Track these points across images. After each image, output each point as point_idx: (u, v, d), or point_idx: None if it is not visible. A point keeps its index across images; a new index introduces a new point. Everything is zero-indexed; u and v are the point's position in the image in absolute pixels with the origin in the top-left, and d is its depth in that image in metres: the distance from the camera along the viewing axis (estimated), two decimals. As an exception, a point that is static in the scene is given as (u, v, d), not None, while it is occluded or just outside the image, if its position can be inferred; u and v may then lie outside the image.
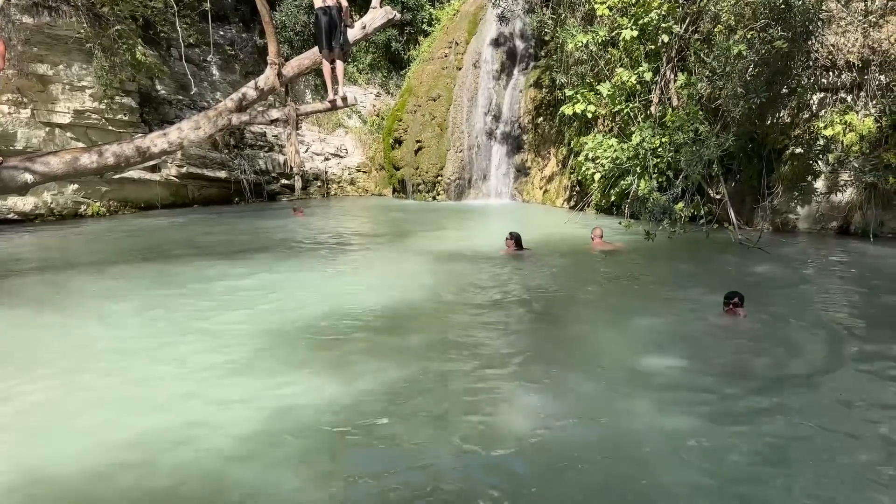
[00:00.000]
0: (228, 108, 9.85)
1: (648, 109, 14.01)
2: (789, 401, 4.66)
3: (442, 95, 19.95)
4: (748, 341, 6.06)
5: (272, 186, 20.21)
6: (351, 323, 6.60)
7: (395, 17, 10.60)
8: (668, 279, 9.08)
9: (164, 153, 9.78)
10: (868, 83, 11.37)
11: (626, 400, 4.70)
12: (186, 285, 8.25)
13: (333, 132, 22.24)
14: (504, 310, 7.29)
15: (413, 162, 19.85)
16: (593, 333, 6.45)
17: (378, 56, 22.77)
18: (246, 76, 20.23)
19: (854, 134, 10.93)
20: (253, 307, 7.25)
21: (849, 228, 11.65)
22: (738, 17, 11.62)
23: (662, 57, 13.78)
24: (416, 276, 8.88)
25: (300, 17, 20.87)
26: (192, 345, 5.95)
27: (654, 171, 12.88)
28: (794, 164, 12.18)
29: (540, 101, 18.50)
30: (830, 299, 7.54)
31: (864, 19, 11.37)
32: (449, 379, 5.14)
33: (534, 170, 18.83)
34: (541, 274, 9.09)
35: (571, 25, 14.87)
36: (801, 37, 11.05)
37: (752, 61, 11.10)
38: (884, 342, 5.83)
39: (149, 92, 17.11)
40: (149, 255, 10.48)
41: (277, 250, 10.86)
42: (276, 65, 9.83)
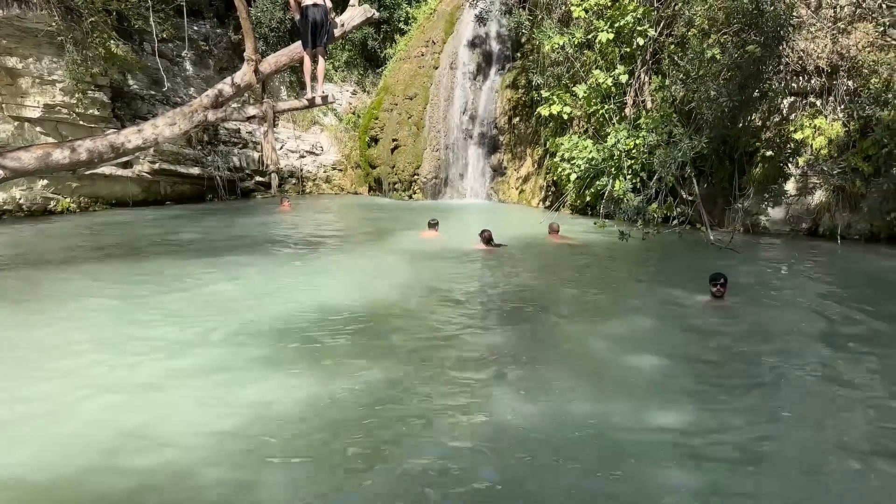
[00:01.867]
0: (204, 105, 9.75)
1: (623, 111, 14.18)
2: (767, 398, 4.78)
3: (419, 94, 19.95)
4: (725, 339, 6.18)
5: (246, 183, 20.03)
6: (329, 322, 6.59)
7: (373, 15, 10.58)
8: (643, 278, 9.22)
9: (138, 149, 9.65)
10: (836, 88, 11.64)
11: (605, 398, 4.77)
12: (160, 283, 8.15)
13: (309, 130, 22.10)
14: (483, 308, 7.35)
15: (389, 160, 19.83)
16: (572, 332, 6.53)
17: (354, 54, 22.69)
18: (220, 72, 20.02)
19: (823, 137, 11.20)
20: (228, 306, 7.19)
21: (818, 230, 11.91)
22: (712, 22, 11.81)
23: (637, 60, 13.96)
24: (394, 274, 8.89)
25: (276, 13, 20.71)
26: (167, 344, 5.88)
27: (628, 173, 13.04)
28: (764, 166, 12.42)
29: (516, 102, 18.59)
30: (802, 299, 7.71)
31: (832, 26, 11.64)
32: (428, 378, 5.16)
33: (510, 170, 18.92)
34: (518, 273, 9.15)
35: (548, 27, 14.99)
36: (773, 42, 11.27)
37: (724, 65, 11.30)
38: (856, 340, 6.00)
39: (121, 87, 16.85)
40: (122, 253, 10.34)
41: (253, 249, 10.78)
42: (254, 61, 9.75)
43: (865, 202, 11.27)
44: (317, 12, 9.25)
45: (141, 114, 16.97)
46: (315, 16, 9.25)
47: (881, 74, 10.96)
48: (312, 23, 9.27)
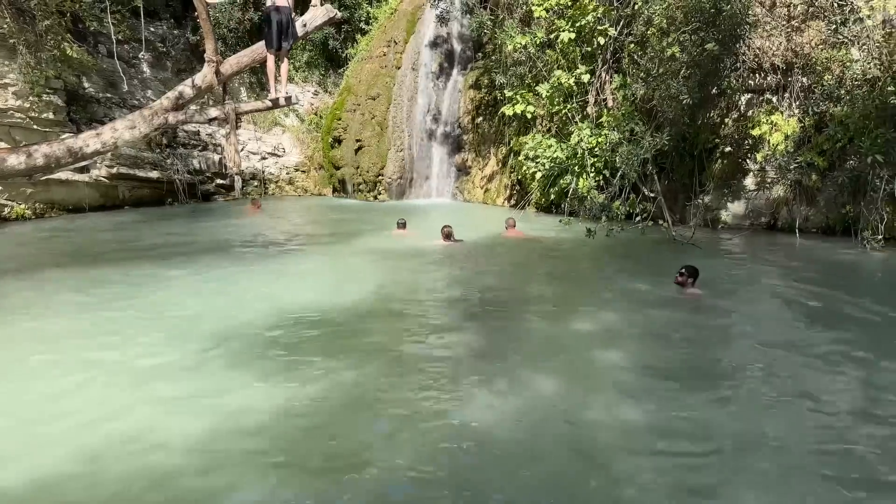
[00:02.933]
0: (164, 107, 9.58)
1: (585, 110, 14.33)
2: (736, 390, 4.88)
3: (381, 94, 19.87)
4: (691, 332, 6.29)
5: (207, 186, 19.67)
6: (299, 324, 6.52)
7: (335, 15, 10.53)
8: (609, 275, 9.32)
9: (97, 153, 9.41)
10: (792, 85, 11.94)
11: (576, 394, 4.82)
12: (123, 290, 7.96)
13: (270, 131, 21.84)
14: (451, 307, 7.35)
15: (353, 161, 19.70)
16: (541, 329, 6.57)
17: (315, 54, 22.51)
18: (178, 74, 19.67)
19: (780, 133, 11.48)
20: (196, 311, 7.07)
21: (777, 224, 12.22)
22: (671, 21, 11.99)
23: (598, 59, 14.12)
24: (363, 275, 8.85)
25: (234, 13, 20.45)
26: (134, 351, 5.75)
27: (591, 170, 13.19)
28: (724, 162, 12.69)
29: (479, 102, 18.64)
30: (764, 292, 7.89)
31: (787, 24, 11.93)
32: (399, 379, 5.14)
33: (474, 169, 18.97)
34: (486, 271, 9.19)
35: (510, 27, 15.08)
36: (730, 40, 11.51)
37: (684, 63, 11.49)
38: (818, 328, 6.17)
39: (76, 90, 16.41)
40: (81, 260, 10.06)
41: (218, 252, 10.61)
42: (214, 62, 9.61)
43: (821, 196, 11.60)
44: (283, 14, 9.22)
45: (97, 117, 16.55)
46: (281, 17, 9.21)
47: (833, 71, 11.28)
48: (278, 24, 9.22)
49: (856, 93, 10.77)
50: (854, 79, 10.98)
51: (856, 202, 11.03)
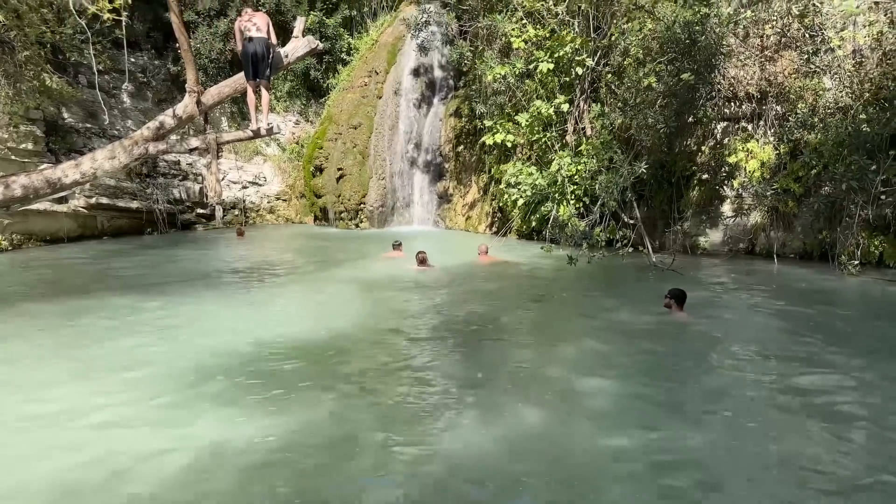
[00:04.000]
0: (145, 137, 9.52)
1: (565, 138, 14.48)
2: (720, 415, 4.86)
3: (363, 123, 19.97)
4: (673, 358, 6.28)
5: (186, 216, 19.58)
6: (279, 355, 6.44)
7: (317, 46, 10.56)
8: (591, 302, 9.33)
9: (76, 184, 9.32)
10: (766, 113, 12.17)
11: (560, 421, 4.79)
12: (101, 321, 7.84)
13: (251, 160, 21.83)
14: (435, 336, 7.30)
15: (335, 190, 19.72)
16: (526, 357, 6.54)
17: (297, 84, 22.63)
18: (158, 104, 19.68)
19: (755, 160, 11.66)
20: (174, 342, 6.96)
21: (755, 249, 12.36)
22: (647, 52, 12.23)
23: (576, 88, 14.32)
24: (345, 305, 8.79)
25: (216, 44, 20.54)
26: (111, 383, 5.64)
27: (571, 198, 13.29)
28: (701, 189, 12.85)
29: (460, 130, 18.80)
30: (744, 317, 7.94)
31: (760, 54, 12.18)
32: (380, 409, 5.08)
33: (456, 197, 19.06)
34: (467, 298, 9.17)
35: (489, 58, 15.27)
36: (705, 70, 11.74)
37: (660, 93, 11.69)
38: (802, 357, 6.19)
39: (55, 120, 16.33)
40: (59, 291, 9.91)
41: (197, 282, 10.50)
42: (196, 93, 9.60)
43: (798, 221, 11.76)
44: (256, 45, 9.28)
45: (76, 147, 16.47)
46: (255, 48, 9.27)
47: (807, 100, 11.51)
48: (252, 55, 9.29)
49: (829, 120, 10.99)
50: (827, 107, 11.22)
51: (832, 228, 11.18)
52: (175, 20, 9.39)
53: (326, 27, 21.68)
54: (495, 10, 15.77)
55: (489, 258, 12.24)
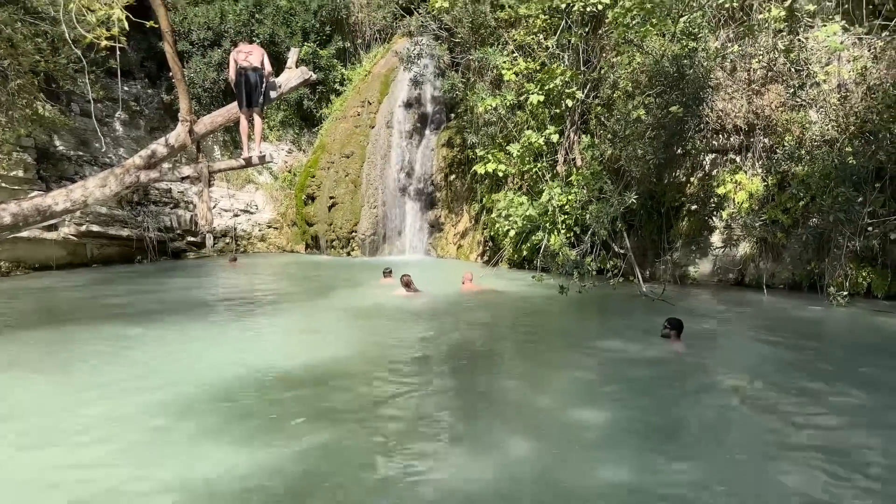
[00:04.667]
0: (137, 165, 9.53)
1: (555, 169, 14.60)
2: (712, 451, 4.84)
3: (355, 153, 20.09)
4: (667, 391, 6.26)
5: (177, 244, 19.53)
6: (267, 385, 6.39)
7: (310, 77, 10.67)
8: (582, 332, 9.33)
9: (66, 212, 9.30)
10: (754, 145, 12.32)
11: (552, 453, 4.75)
12: (90, 351, 7.76)
13: (243, 188, 21.88)
14: (425, 366, 7.27)
15: (327, 218, 19.76)
16: (517, 387, 6.51)
17: (290, 113, 22.78)
18: (151, 132, 19.76)
19: (744, 192, 11.77)
20: (163, 371, 6.90)
21: (744, 280, 12.41)
22: (636, 84, 12.40)
23: (567, 120, 14.49)
24: (334, 333, 8.76)
25: (209, 73, 20.70)
26: (97, 413, 5.57)
27: (562, 227, 13.37)
28: (690, 220, 12.95)
29: (452, 160, 18.93)
30: (735, 349, 7.96)
31: (747, 87, 12.38)
32: (370, 441, 5.04)
33: (447, 225, 19.11)
34: (458, 328, 9.14)
35: (481, 89, 15.45)
36: (694, 103, 11.90)
37: (649, 125, 11.83)
38: (792, 389, 6.18)
39: (46, 147, 16.35)
40: (48, 319, 9.85)
41: (188, 311, 10.44)
42: (188, 122, 9.65)
43: (787, 252, 11.84)
44: (252, 75, 9.36)
45: (67, 175, 16.47)
46: (250, 78, 9.35)
47: (794, 132, 11.67)
48: (247, 85, 9.36)
49: (815, 153, 11.13)
50: (813, 140, 11.38)
51: (820, 259, 11.27)
52: (169, 50, 9.48)
53: (320, 58, 21.91)
54: (487, 44, 15.99)
55: (473, 286, 12.36)
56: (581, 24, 14.19)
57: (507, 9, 15.02)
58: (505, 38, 15.48)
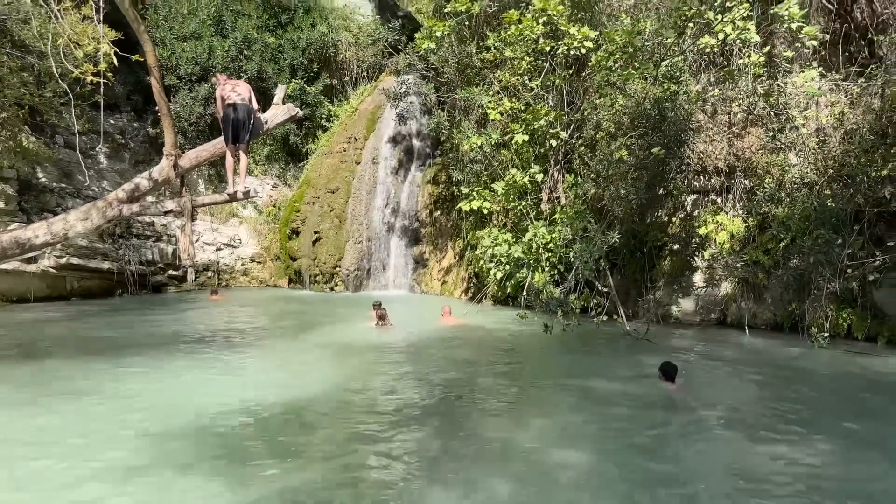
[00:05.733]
0: (119, 199, 9.47)
1: (540, 207, 14.70)
2: (695, 496, 4.80)
3: (341, 188, 20.15)
4: (651, 433, 6.22)
5: (158, 277, 19.34)
6: (248, 421, 6.30)
7: (297, 113, 10.72)
8: (566, 372, 9.29)
9: (46, 244, 9.21)
10: (735, 187, 12.50)
11: (536, 496, 4.69)
12: (67, 385, 7.66)
13: (227, 222, 21.80)
14: (405, 406, 7.19)
15: (311, 252, 19.70)
16: (499, 427, 6.44)
17: (276, 148, 22.85)
18: (136, 165, 19.72)
19: (725, 233, 11.92)
20: (142, 407, 6.78)
21: (726, 320, 12.47)
22: (618, 126, 12.60)
23: (551, 159, 14.65)
24: (317, 369, 8.69)
25: (195, 108, 20.77)
26: (75, 450, 5.46)
27: (546, 265, 13.40)
28: (673, 259, 13.04)
29: (437, 196, 19.02)
30: (719, 390, 7.95)
31: (728, 130, 12.61)
32: (354, 480, 4.96)
33: (432, 261, 19.11)
34: (440, 366, 9.08)
35: (466, 128, 15.60)
36: (675, 144, 12.09)
37: (631, 165, 11.98)
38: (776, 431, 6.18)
39: (29, 179, 16.23)
40: (25, 354, 9.67)
41: (168, 346, 10.30)
42: (173, 156, 9.63)
43: (768, 293, 11.93)
44: (239, 111, 9.39)
45: (49, 207, 16.34)
46: (237, 114, 9.38)
47: (773, 174, 11.87)
48: (234, 120, 9.38)
49: (795, 195, 11.31)
50: (793, 182, 11.57)
51: (801, 300, 11.35)
52: (155, 85, 9.51)
53: (307, 94, 22.08)
54: (473, 83, 16.22)
55: (452, 320, 12.56)
56: (565, 67, 14.44)
57: (493, 50, 15.25)
58: (490, 78, 15.71)
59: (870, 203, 10.46)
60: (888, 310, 10.59)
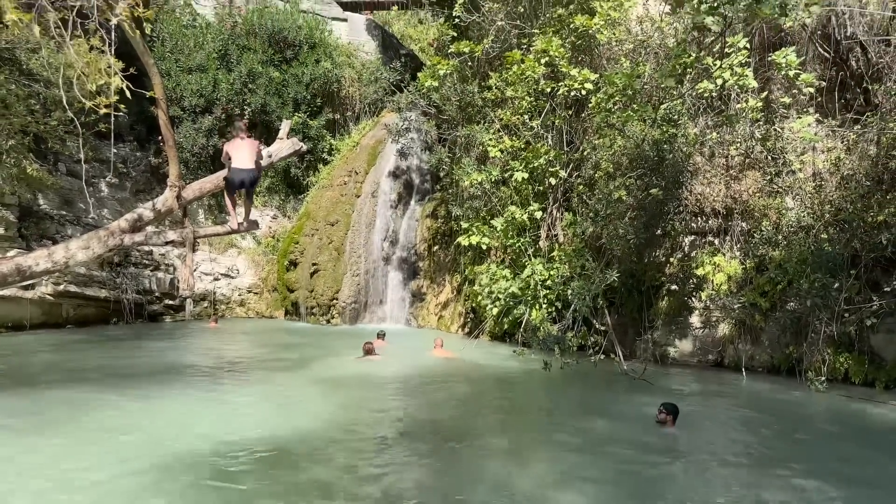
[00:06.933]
0: (122, 228, 9.52)
1: (538, 244, 14.78)
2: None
3: (340, 221, 20.23)
4: (649, 476, 6.18)
5: (154, 307, 19.28)
6: (239, 457, 6.23)
7: (300, 148, 10.86)
8: (564, 409, 9.25)
9: (46, 272, 9.22)
10: (732, 229, 12.61)
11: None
12: (60, 415, 7.58)
13: (225, 252, 21.82)
14: (400, 443, 7.14)
15: (308, 284, 19.69)
16: (496, 467, 6.39)
17: (277, 180, 22.99)
18: (136, 194, 19.81)
19: (722, 274, 11.98)
20: (131, 440, 6.71)
21: (724, 361, 12.46)
22: (617, 166, 12.74)
23: (550, 197, 14.78)
24: (311, 403, 8.63)
25: (198, 139, 20.95)
26: (64, 482, 5.39)
27: (544, 302, 13.43)
28: (670, 299, 13.08)
29: (436, 231, 19.12)
30: (716, 434, 7.91)
31: (725, 173, 12.76)
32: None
33: (429, 295, 19.12)
34: (438, 403, 9.04)
35: (467, 164, 15.77)
36: (673, 186, 12.23)
37: (630, 205, 12.09)
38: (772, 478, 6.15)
39: (30, 206, 16.29)
40: (19, 381, 9.60)
41: (163, 376, 10.23)
42: (177, 187, 9.72)
43: (765, 335, 11.94)
44: (245, 175, 9.46)
45: (49, 234, 16.36)
46: (244, 177, 9.48)
47: (771, 217, 11.99)
48: (241, 182, 9.50)
49: (792, 238, 11.41)
50: (790, 225, 11.67)
51: (798, 343, 11.36)
52: (162, 117, 9.65)
53: (310, 128, 22.30)
54: (474, 121, 16.43)
55: (442, 352, 12.73)
56: (565, 107, 14.66)
57: (494, 89, 15.50)
58: (491, 116, 15.93)
59: (866, 248, 10.55)
60: (885, 355, 10.61)
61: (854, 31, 12.03)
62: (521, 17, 16.26)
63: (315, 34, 23.38)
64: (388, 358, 12.18)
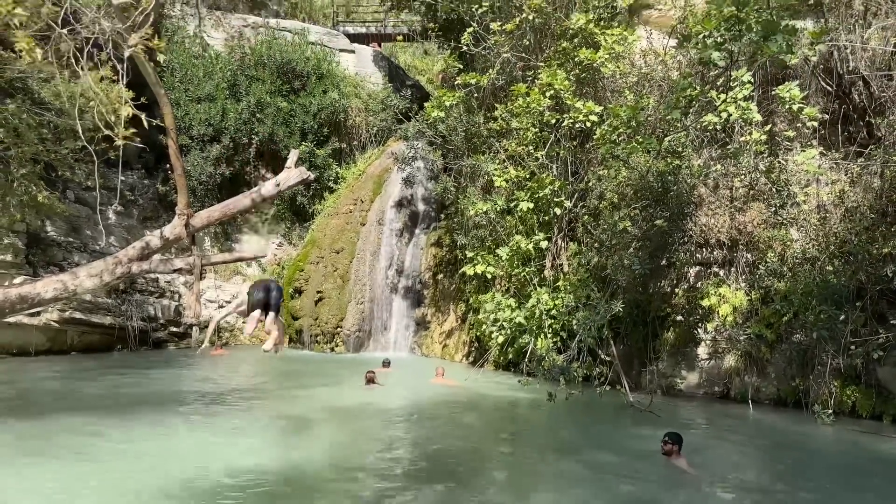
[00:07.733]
0: (130, 257, 9.56)
1: (543, 273, 14.81)
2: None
3: (345, 249, 20.30)
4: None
5: (159, 334, 19.25)
6: (241, 490, 6.20)
7: (308, 177, 10.93)
8: (570, 441, 9.21)
9: (54, 300, 9.23)
10: (737, 260, 12.62)
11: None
12: (60, 443, 7.59)
13: (230, 279, 21.86)
14: (403, 473, 7.10)
15: (312, 312, 19.70)
16: (499, 499, 6.35)
17: (283, 208, 23.12)
18: (143, 221, 19.95)
19: (728, 305, 11.97)
20: (132, 470, 6.69)
21: (730, 393, 12.38)
22: (621, 197, 12.81)
23: (555, 227, 14.85)
24: (314, 434, 8.62)
25: (206, 167, 21.15)
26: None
27: (549, 332, 13.41)
28: (676, 330, 13.04)
29: (441, 259, 19.16)
30: (726, 466, 7.86)
31: (730, 204, 12.82)
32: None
33: (434, 324, 19.09)
34: (444, 433, 9.01)
35: (472, 194, 15.88)
36: (678, 217, 12.27)
37: (635, 236, 12.13)
38: None
39: (38, 233, 16.40)
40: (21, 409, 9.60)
41: (166, 405, 10.22)
42: (186, 216, 9.79)
43: (772, 367, 11.89)
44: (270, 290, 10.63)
45: (56, 261, 16.44)
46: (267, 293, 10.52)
47: (776, 249, 12.01)
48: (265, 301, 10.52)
49: (797, 270, 11.41)
50: (795, 257, 11.69)
51: (805, 375, 11.30)
52: (172, 146, 9.76)
53: (317, 157, 22.49)
54: (479, 151, 16.57)
55: (444, 380, 12.81)
56: (570, 139, 14.80)
57: (500, 121, 15.67)
58: (497, 147, 16.07)
59: (872, 280, 10.55)
60: (893, 388, 10.56)
61: (856, 65, 12.18)
62: (525, 50, 16.48)
63: (323, 65, 23.73)
64: (391, 386, 12.15)
